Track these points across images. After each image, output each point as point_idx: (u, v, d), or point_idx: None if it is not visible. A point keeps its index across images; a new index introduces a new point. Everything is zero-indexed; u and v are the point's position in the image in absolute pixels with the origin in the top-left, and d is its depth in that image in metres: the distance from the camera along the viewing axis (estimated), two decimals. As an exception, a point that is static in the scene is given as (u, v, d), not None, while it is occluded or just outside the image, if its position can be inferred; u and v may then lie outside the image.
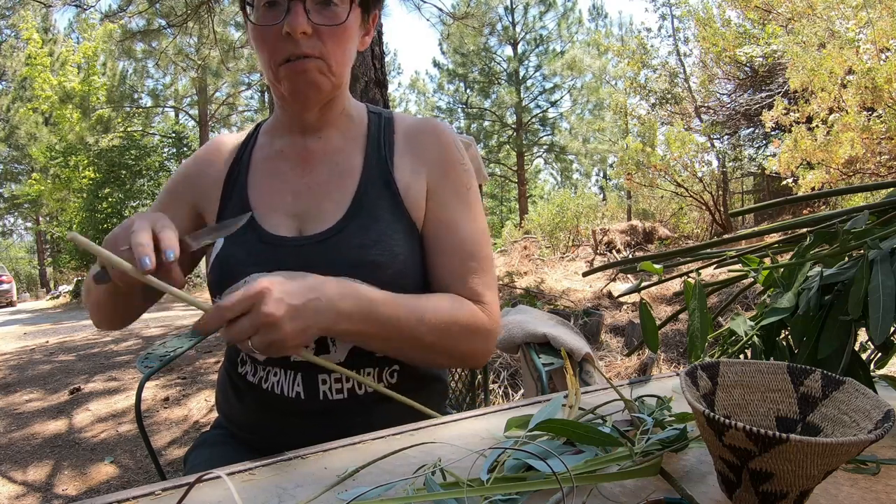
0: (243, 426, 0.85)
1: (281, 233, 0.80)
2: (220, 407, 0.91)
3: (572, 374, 0.68)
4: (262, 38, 0.76)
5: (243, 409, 0.84)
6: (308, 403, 0.78)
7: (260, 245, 0.79)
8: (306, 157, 0.84)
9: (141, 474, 2.58)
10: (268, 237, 0.80)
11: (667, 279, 0.95)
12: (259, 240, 0.80)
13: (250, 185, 0.85)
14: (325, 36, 0.75)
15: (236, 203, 0.84)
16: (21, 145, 19.29)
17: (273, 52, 0.75)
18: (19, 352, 5.89)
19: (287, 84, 0.77)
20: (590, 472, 0.48)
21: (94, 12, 7.20)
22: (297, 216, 0.81)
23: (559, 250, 9.61)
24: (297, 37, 0.73)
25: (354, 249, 0.77)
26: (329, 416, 0.78)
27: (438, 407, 0.88)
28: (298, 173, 0.84)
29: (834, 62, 5.21)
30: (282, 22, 0.73)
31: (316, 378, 0.78)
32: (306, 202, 0.82)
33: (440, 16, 6.13)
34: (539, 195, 22.70)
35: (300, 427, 0.79)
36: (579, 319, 4.20)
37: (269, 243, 0.79)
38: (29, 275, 27.90)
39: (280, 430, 0.80)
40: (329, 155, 0.84)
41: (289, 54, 0.74)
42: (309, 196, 0.82)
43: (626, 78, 12.03)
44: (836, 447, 0.39)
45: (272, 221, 0.81)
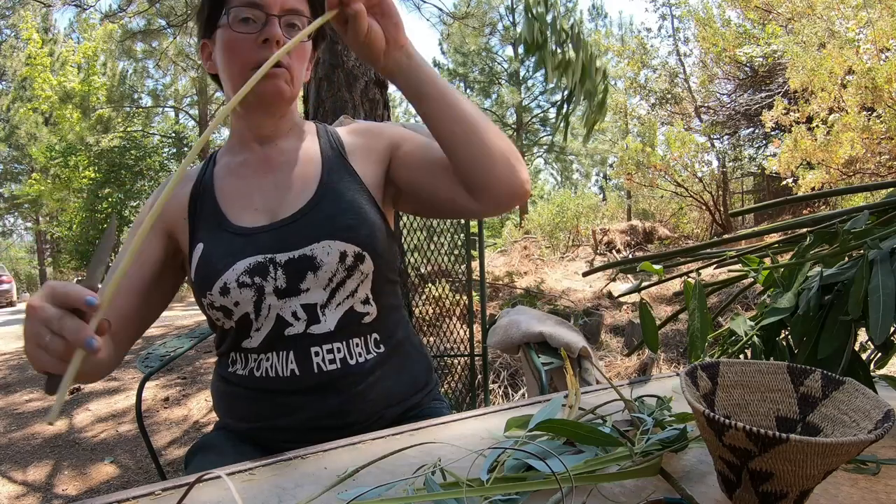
0: (243, 419, 0.87)
1: (254, 224, 0.86)
2: (219, 409, 0.93)
3: (572, 373, 0.68)
4: (236, 45, 0.83)
5: (240, 403, 0.87)
6: (304, 379, 0.82)
7: (236, 238, 0.84)
8: (267, 161, 0.91)
9: (141, 474, 2.58)
10: (242, 230, 0.85)
11: (667, 279, 0.95)
12: (234, 234, 0.85)
13: (219, 198, 0.89)
14: (293, 51, 0.84)
15: (209, 216, 0.88)
16: (21, 145, 19.27)
17: (246, 56, 0.82)
18: (19, 352, 5.90)
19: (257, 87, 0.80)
20: (590, 472, 0.48)
21: (94, 12, 7.20)
22: (268, 210, 0.87)
23: (559, 250, 9.61)
24: (274, 42, 0.81)
25: (328, 219, 0.84)
26: (325, 389, 0.82)
27: (427, 377, 0.95)
28: (262, 175, 0.90)
29: (834, 62, 5.21)
30: (260, 31, 0.81)
31: (308, 351, 0.82)
32: (274, 196, 0.88)
33: (440, 16, 6.13)
34: (539, 195, 22.70)
35: (299, 405, 0.82)
36: (579, 319, 4.20)
37: (244, 234, 0.85)
38: (29, 275, 27.88)
39: (280, 413, 0.83)
40: (287, 155, 0.91)
41: (263, 59, 0.79)
42: (276, 191, 0.88)
43: (627, 78, 12.03)
44: (836, 447, 0.39)
45: (243, 218, 0.87)
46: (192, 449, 0.91)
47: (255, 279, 0.81)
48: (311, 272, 0.82)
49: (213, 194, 0.90)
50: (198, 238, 0.87)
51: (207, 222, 0.87)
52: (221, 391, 0.90)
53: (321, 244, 0.82)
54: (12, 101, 19.56)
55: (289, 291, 0.82)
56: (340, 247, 0.83)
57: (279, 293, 0.82)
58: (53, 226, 16.61)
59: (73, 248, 13.10)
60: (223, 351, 0.90)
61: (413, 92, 0.79)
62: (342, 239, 0.83)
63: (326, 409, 0.82)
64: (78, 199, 13.34)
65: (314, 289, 0.83)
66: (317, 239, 0.82)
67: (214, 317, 0.85)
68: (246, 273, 0.82)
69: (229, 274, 0.81)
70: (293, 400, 0.82)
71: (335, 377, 0.82)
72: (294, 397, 0.82)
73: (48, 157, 13.80)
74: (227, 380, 0.88)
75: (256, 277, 0.81)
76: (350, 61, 2.44)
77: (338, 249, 0.82)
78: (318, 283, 0.83)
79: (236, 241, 0.84)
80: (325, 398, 0.82)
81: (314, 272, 0.82)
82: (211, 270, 0.82)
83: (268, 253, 0.82)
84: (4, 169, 22.56)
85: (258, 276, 0.82)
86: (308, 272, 0.82)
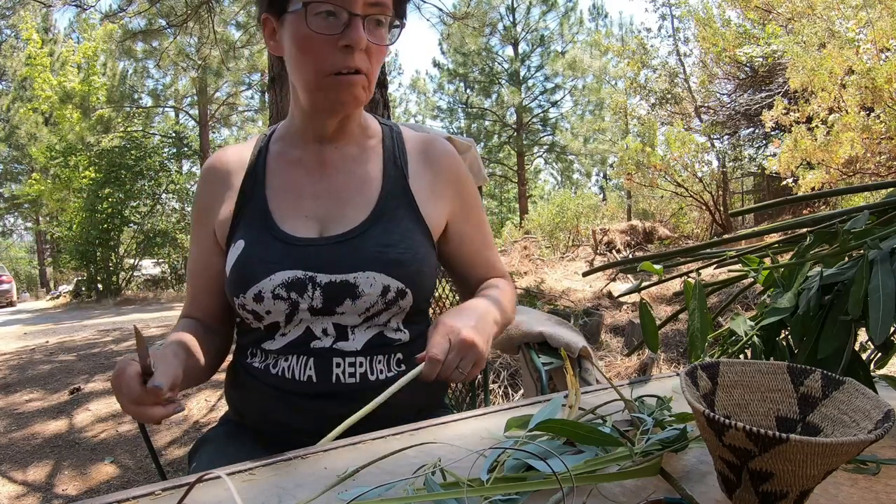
0: (252, 411, 0.86)
1: (301, 234, 0.82)
2: (230, 397, 0.92)
3: (572, 373, 0.68)
4: (313, 46, 0.76)
5: (252, 395, 0.85)
6: (320, 386, 0.80)
7: (280, 244, 0.81)
8: (324, 164, 0.87)
9: (141, 474, 2.58)
10: (288, 238, 0.82)
11: (667, 279, 0.95)
12: (278, 240, 0.82)
13: (268, 192, 0.86)
14: (373, 54, 0.78)
15: (254, 210, 0.85)
16: (21, 145, 19.28)
17: (324, 61, 0.76)
18: (19, 352, 5.89)
19: (331, 94, 0.79)
20: (590, 472, 0.48)
21: (94, 12, 7.20)
22: (317, 219, 0.83)
23: (559, 250, 9.61)
24: (358, 50, 0.75)
25: (378, 248, 0.81)
26: (339, 398, 0.80)
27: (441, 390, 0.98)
28: (317, 179, 0.86)
29: (834, 62, 5.21)
30: (341, 34, 0.74)
31: (331, 362, 0.80)
32: (326, 206, 0.84)
33: (440, 16, 6.13)
34: (539, 195, 22.69)
35: (310, 408, 0.81)
36: (579, 319, 4.20)
37: (290, 243, 0.81)
38: (29, 275, 27.87)
39: (289, 412, 0.81)
40: (347, 163, 0.87)
41: (342, 67, 0.76)
42: (329, 200, 0.85)
43: (627, 78, 12.03)
44: (836, 447, 0.39)
45: (291, 224, 0.83)
46: (196, 445, 0.90)
47: (292, 294, 0.79)
48: (349, 299, 0.79)
49: (263, 188, 0.86)
50: (239, 232, 0.84)
51: (253, 218, 0.84)
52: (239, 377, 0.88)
53: (366, 274, 0.79)
54: (12, 101, 19.58)
55: (323, 311, 0.80)
56: (385, 280, 0.80)
57: (313, 311, 0.80)
58: (53, 226, 16.60)
59: (73, 248, 13.08)
60: (243, 343, 0.88)
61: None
62: (388, 273, 0.80)
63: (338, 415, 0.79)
64: (78, 199, 13.32)
65: (349, 314, 0.80)
66: (363, 268, 0.79)
67: (244, 316, 0.83)
68: (283, 286, 0.78)
69: (266, 283, 0.78)
70: (306, 402, 0.81)
71: (353, 390, 0.80)
72: (308, 401, 0.80)
73: (48, 157, 13.79)
74: (244, 370, 0.86)
75: (293, 293, 0.79)
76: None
77: (382, 283, 0.79)
78: (355, 310, 0.80)
79: (279, 247, 0.81)
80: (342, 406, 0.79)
81: (353, 300, 0.79)
82: (248, 274, 0.79)
83: (309, 270, 0.79)
84: (4, 169, 22.56)
85: (295, 291, 0.79)
86: (347, 299, 0.79)
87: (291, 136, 0.89)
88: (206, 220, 0.89)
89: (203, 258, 0.89)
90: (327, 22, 0.74)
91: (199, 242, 0.90)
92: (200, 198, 0.91)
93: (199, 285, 0.91)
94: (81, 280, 14.11)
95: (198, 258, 0.90)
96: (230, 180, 0.89)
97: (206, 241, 0.89)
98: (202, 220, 0.90)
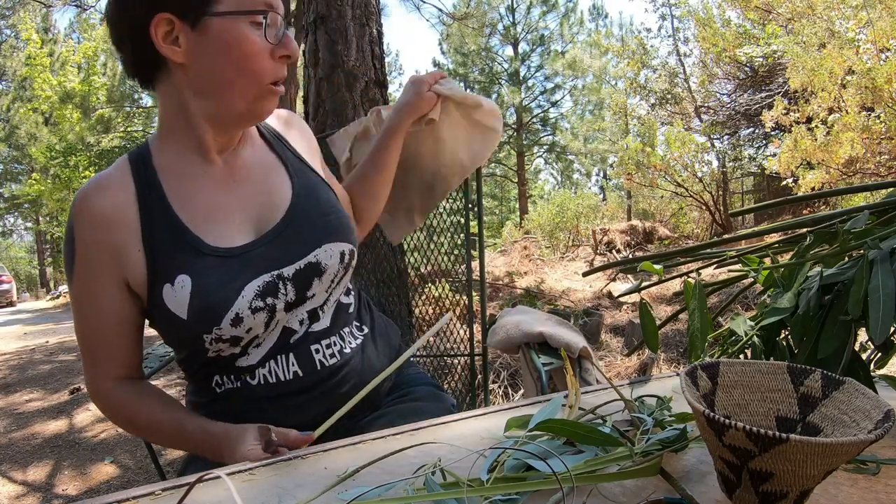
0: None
1: (241, 242, 0.78)
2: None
3: (572, 373, 0.68)
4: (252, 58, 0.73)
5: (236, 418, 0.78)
6: (306, 378, 0.81)
7: (232, 260, 0.76)
8: (233, 171, 0.82)
9: (141, 474, 2.58)
10: (234, 251, 0.77)
11: (667, 279, 0.95)
12: (227, 257, 0.77)
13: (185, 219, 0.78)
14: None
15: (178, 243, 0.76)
16: (21, 145, 19.26)
17: (265, 72, 0.75)
18: (19, 352, 5.89)
19: (267, 105, 0.78)
20: (590, 472, 0.48)
21: (94, 12, 7.19)
22: (249, 223, 0.80)
23: (559, 250, 9.60)
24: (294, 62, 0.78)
25: (321, 219, 0.83)
26: (327, 382, 0.82)
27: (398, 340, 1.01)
28: (228, 190, 0.81)
29: (834, 62, 5.21)
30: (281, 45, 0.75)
31: (309, 350, 0.82)
32: (252, 208, 0.81)
33: (440, 16, 6.13)
34: (539, 195, 22.67)
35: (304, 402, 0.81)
36: (579, 319, 4.20)
37: (239, 255, 0.77)
38: (29, 275, 27.87)
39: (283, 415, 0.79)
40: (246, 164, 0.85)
41: (279, 76, 0.77)
42: (252, 202, 0.81)
43: (627, 78, 12.02)
44: (836, 447, 0.39)
45: (228, 238, 0.78)
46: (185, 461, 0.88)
47: (268, 300, 0.76)
48: (317, 278, 0.80)
49: (176, 218, 0.77)
50: (173, 271, 0.75)
51: (180, 251, 0.75)
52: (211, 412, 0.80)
53: (323, 248, 0.81)
54: (12, 101, 19.56)
55: (297, 302, 0.80)
56: (339, 247, 0.83)
57: (288, 307, 0.79)
58: (53, 226, 16.59)
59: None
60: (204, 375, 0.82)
61: (395, 148, 1.00)
62: (339, 239, 0.83)
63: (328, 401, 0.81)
64: (78, 200, 13.29)
65: (319, 293, 0.82)
66: (318, 243, 0.81)
67: (214, 349, 0.77)
68: (257, 297, 0.75)
69: (240, 303, 0.74)
70: (299, 400, 0.80)
71: (335, 369, 0.83)
72: (300, 397, 0.80)
73: (48, 157, 13.78)
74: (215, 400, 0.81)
75: (268, 298, 0.76)
76: (350, 61, 2.44)
77: (338, 251, 0.82)
78: (322, 286, 0.82)
79: (229, 265, 0.76)
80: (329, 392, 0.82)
81: (319, 277, 0.81)
82: (217, 302, 0.73)
83: (272, 269, 0.77)
84: (4, 169, 22.55)
85: (269, 296, 0.76)
86: (315, 279, 0.80)
87: (180, 155, 0.80)
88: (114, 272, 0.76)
89: (117, 313, 0.78)
90: (260, 30, 0.73)
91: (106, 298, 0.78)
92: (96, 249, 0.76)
93: (118, 342, 0.80)
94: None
95: (109, 315, 0.78)
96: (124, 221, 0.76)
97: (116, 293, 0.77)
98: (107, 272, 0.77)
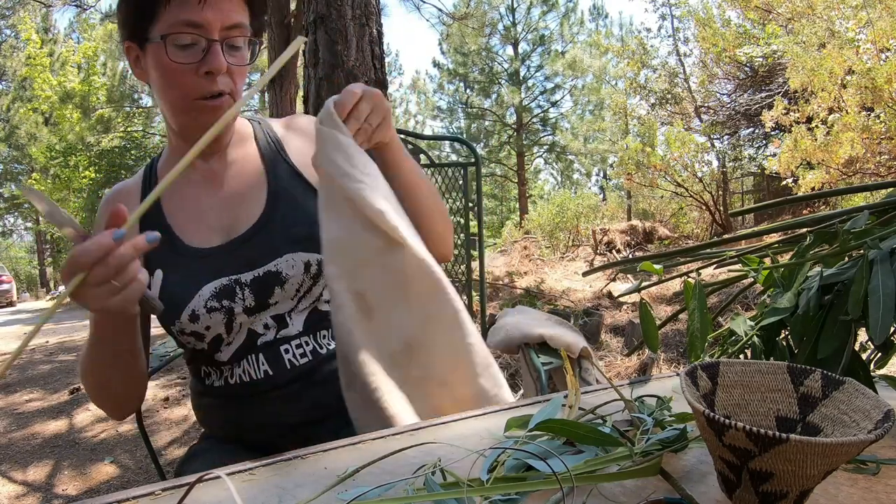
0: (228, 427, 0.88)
1: (211, 245, 0.84)
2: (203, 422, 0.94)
3: (572, 373, 0.68)
4: (176, 76, 0.77)
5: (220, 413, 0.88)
6: (277, 377, 0.82)
7: (195, 261, 0.83)
8: (212, 176, 0.88)
9: (141, 474, 2.58)
10: (201, 252, 0.83)
11: (667, 279, 0.95)
12: (192, 257, 0.83)
13: (168, 218, 0.86)
14: (235, 75, 0.79)
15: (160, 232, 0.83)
16: (21, 145, 19.26)
17: (189, 89, 0.77)
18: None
19: (200, 118, 0.79)
20: (590, 472, 0.48)
21: (94, 12, 7.19)
22: (221, 228, 0.85)
23: (559, 250, 9.60)
24: (220, 75, 0.76)
25: (286, 231, 0.83)
26: (300, 382, 0.83)
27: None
28: (209, 191, 0.87)
29: (834, 62, 5.21)
30: (202, 61, 0.76)
31: (278, 350, 0.83)
32: (226, 213, 0.86)
33: (440, 16, 6.13)
34: (539, 195, 22.67)
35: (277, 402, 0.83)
36: (579, 319, 4.20)
37: (202, 256, 0.83)
38: (29, 275, 27.87)
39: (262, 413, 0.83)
40: (232, 168, 0.89)
41: (206, 92, 0.77)
42: (226, 207, 0.86)
43: (627, 78, 12.02)
44: (836, 447, 0.39)
45: (199, 239, 0.84)
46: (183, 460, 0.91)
47: (224, 302, 0.80)
48: (278, 287, 0.82)
49: (161, 214, 0.86)
50: (153, 264, 0.82)
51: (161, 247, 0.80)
52: (201, 404, 0.90)
53: (284, 258, 0.82)
54: (12, 101, 19.56)
55: (258, 308, 0.82)
56: (303, 257, 0.82)
57: (248, 311, 0.81)
58: (53, 226, 16.59)
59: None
60: (195, 369, 0.89)
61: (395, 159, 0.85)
62: (304, 249, 0.82)
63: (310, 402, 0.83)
64: (78, 199, 13.32)
65: (282, 301, 0.83)
66: (279, 253, 0.82)
67: (185, 341, 0.84)
68: (213, 298, 0.80)
69: (196, 301, 0.80)
70: (270, 398, 0.83)
71: (307, 370, 0.83)
72: (271, 394, 0.83)
73: (48, 157, 13.79)
74: (205, 393, 0.88)
75: (224, 300, 0.80)
76: (350, 61, 2.44)
77: (301, 261, 0.82)
78: (286, 295, 0.82)
79: (195, 264, 0.82)
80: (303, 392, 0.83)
81: (281, 286, 0.82)
82: (177, 298, 0.80)
83: (232, 274, 0.81)
84: (4, 169, 22.55)
85: (226, 298, 0.80)
86: (275, 287, 0.81)
87: (174, 159, 0.88)
88: None
89: None
90: (187, 51, 0.75)
91: None
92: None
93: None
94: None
95: None
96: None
97: None
98: None
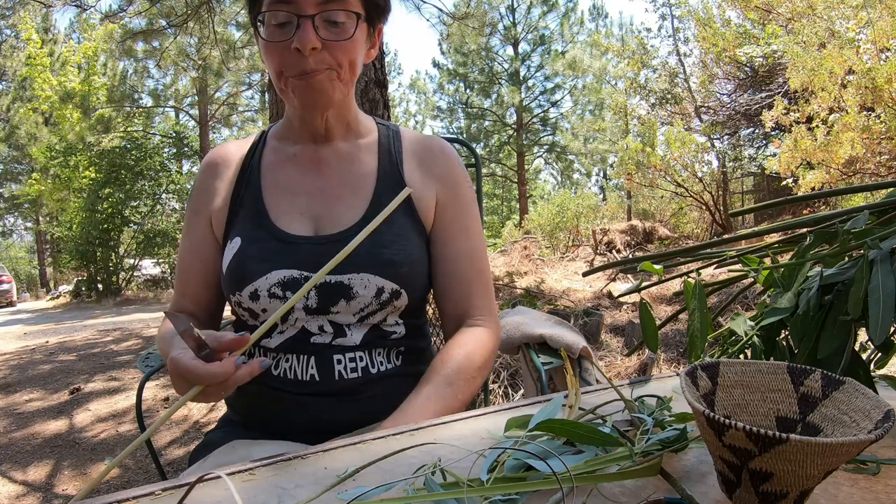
0: (253, 413, 0.86)
1: (296, 232, 0.83)
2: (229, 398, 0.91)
3: (572, 373, 0.68)
4: (271, 53, 0.78)
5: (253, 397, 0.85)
6: (323, 384, 0.80)
7: (275, 243, 0.82)
8: (319, 163, 0.87)
9: (141, 474, 2.58)
10: (284, 235, 0.82)
11: (667, 279, 0.95)
12: (274, 237, 0.82)
13: (264, 189, 0.87)
14: (335, 50, 0.78)
15: (250, 206, 0.86)
16: (21, 145, 19.26)
17: (282, 66, 0.78)
18: (20, 352, 5.89)
19: (297, 95, 0.80)
20: (590, 472, 0.48)
21: (95, 12, 7.19)
22: (312, 217, 0.84)
23: (559, 250, 9.60)
24: (306, 53, 0.75)
25: (372, 249, 0.80)
26: (343, 395, 0.81)
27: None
28: (311, 177, 0.86)
29: (834, 62, 5.21)
30: (292, 38, 0.75)
31: (331, 359, 0.80)
32: (322, 205, 0.85)
33: (440, 16, 6.12)
34: (539, 195, 22.67)
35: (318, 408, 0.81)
36: (579, 319, 4.20)
37: (285, 241, 0.82)
38: (29, 275, 27.84)
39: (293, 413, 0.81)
40: (341, 161, 0.87)
41: (296, 70, 0.77)
42: (324, 199, 0.85)
43: (627, 78, 12.03)
44: (836, 447, 0.39)
45: (286, 221, 0.84)
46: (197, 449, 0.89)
47: (287, 294, 0.79)
48: (344, 300, 0.80)
49: (258, 184, 0.87)
50: (235, 229, 0.84)
51: (248, 215, 0.85)
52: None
53: (360, 276, 0.79)
54: (12, 101, 19.55)
55: (318, 311, 0.80)
56: (379, 282, 0.80)
57: (308, 311, 0.80)
58: (53, 226, 16.62)
59: (73, 248, 13.07)
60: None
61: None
62: (382, 275, 0.80)
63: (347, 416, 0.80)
64: (78, 199, 13.32)
65: (344, 313, 0.81)
66: (356, 269, 0.79)
67: (240, 313, 0.84)
68: (278, 285, 0.79)
69: (262, 282, 0.79)
70: (310, 400, 0.81)
71: (355, 384, 0.81)
72: (313, 400, 0.81)
73: (48, 157, 13.78)
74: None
75: (288, 292, 0.79)
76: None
77: (376, 284, 0.80)
78: (350, 310, 0.81)
79: (274, 246, 0.81)
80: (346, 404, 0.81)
81: (347, 301, 0.80)
82: (245, 272, 0.80)
83: (304, 269, 0.80)
84: (4, 169, 22.55)
85: (290, 290, 0.79)
86: (341, 299, 0.80)
87: (287, 133, 0.90)
88: (203, 211, 0.89)
89: (198, 249, 0.89)
90: (282, 30, 0.76)
91: (193, 234, 0.90)
92: (198, 190, 0.91)
93: (192, 277, 0.90)
94: (81, 280, 14.09)
95: (192, 249, 0.90)
96: (227, 175, 0.90)
97: (201, 231, 0.89)
98: (199, 210, 0.90)
